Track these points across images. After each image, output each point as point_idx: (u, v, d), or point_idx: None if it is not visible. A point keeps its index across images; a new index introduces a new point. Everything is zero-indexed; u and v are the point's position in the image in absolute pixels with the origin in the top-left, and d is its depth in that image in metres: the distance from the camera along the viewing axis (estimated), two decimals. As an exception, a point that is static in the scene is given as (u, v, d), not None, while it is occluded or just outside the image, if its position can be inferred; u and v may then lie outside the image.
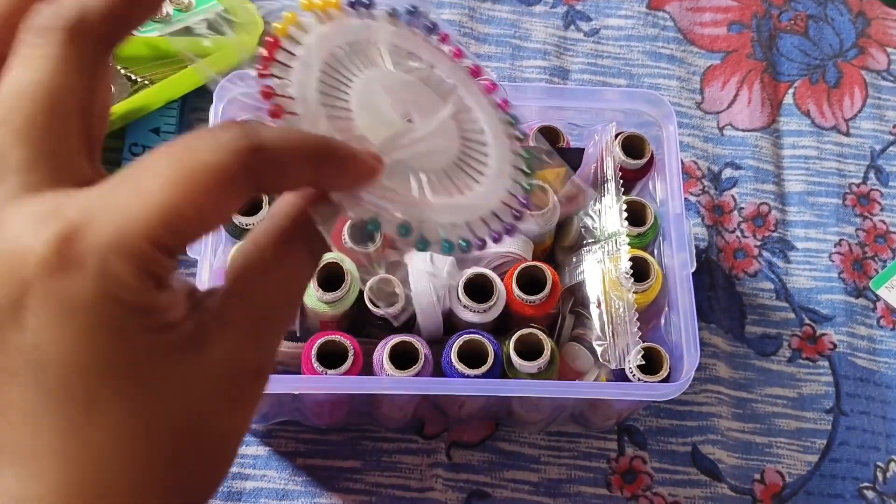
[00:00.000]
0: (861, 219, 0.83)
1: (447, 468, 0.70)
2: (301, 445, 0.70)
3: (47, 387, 0.23)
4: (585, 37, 0.89)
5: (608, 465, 0.72)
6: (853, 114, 0.88)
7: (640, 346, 0.61)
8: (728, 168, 0.84)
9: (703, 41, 0.90)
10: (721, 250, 0.81)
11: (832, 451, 0.74)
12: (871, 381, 0.77)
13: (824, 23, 0.92)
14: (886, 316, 0.80)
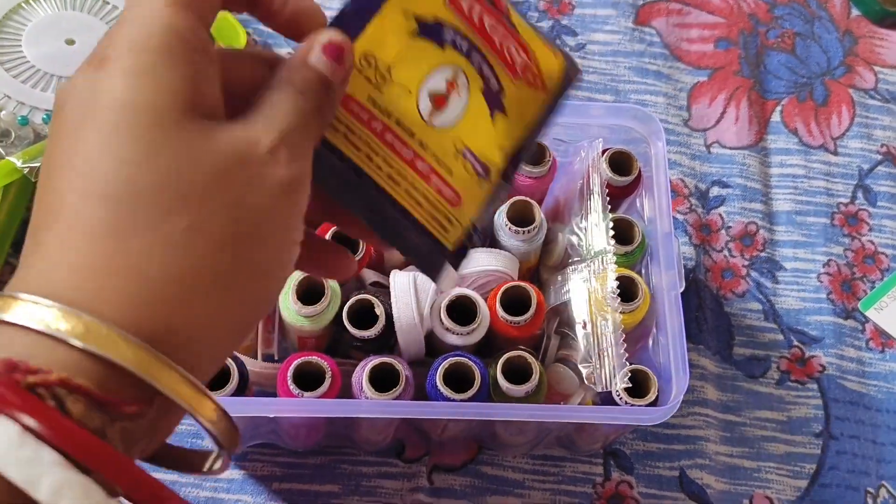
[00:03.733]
0: (849, 239, 0.82)
1: (428, 493, 0.68)
2: (277, 469, 0.68)
3: (119, 123, 0.29)
4: (571, 51, 0.87)
5: (594, 490, 0.70)
6: (841, 132, 0.87)
7: (627, 368, 0.59)
8: (715, 186, 0.83)
9: (690, 57, 0.89)
10: (709, 270, 0.79)
11: (822, 476, 0.73)
12: (860, 404, 0.76)
13: (812, 40, 0.91)
14: (875, 338, 0.78)
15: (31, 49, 0.70)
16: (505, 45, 0.45)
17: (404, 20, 0.41)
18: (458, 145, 0.42)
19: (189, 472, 0.33)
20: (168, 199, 0.29)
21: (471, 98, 0.43)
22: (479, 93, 0.44)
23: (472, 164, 0.43)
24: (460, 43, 0.43)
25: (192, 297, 0.29)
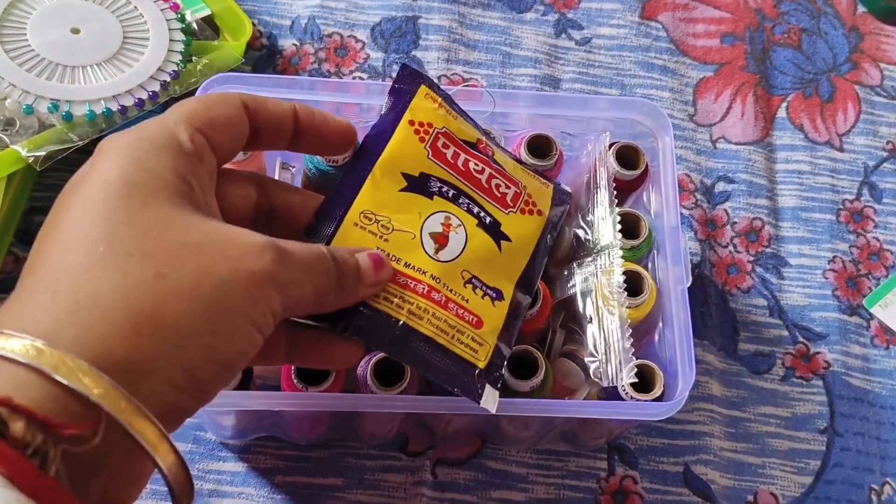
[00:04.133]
0: (855, 235, 0.82)
1: (432, 487, 0.68)
2: (281, 462, 0.68)
3: (106, 194, 0.33)
4: (577, 45, 0.87)
5: (598, 485, 0.70)
6: (847, 129, 0.87)
7: (633, 363, 0.59)
8: (721, 182, 0.82)
9: (695, 52, 0.89)
10: (714, 265, 0.79)
11: (826, 472, 0.73)
12: (865, 401, 0.76)
13: (818, 37, 0.91)
14: (880, 335, 0.78)
15: (36, 37, 0.70)
16: (493, 183, 0.51)
17: (393, 178, 0.47)
18: (465, 275, 0.47)
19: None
20: (141, 249, 0.32)
21: (469, 234, 0.48)
22: (475, 228, 0.49)
23: (482, 290, 0.48)
24: (446, 191, 0.49)
25: (154, 335, 0.31)
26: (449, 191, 0.49)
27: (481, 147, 0.52)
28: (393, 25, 0.85)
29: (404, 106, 0.51)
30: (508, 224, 0.51)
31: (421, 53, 0.84)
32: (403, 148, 0.49)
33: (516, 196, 0.52)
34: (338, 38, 0.84)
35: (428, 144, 0.50)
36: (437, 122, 0.51)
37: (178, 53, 0.73)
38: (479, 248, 0.49)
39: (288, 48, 0.83)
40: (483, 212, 0.50)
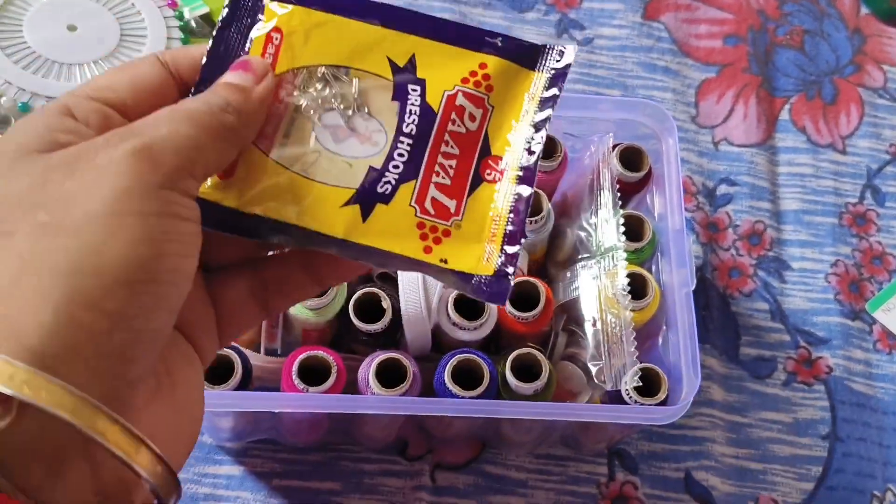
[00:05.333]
0: (857, 239, 0.81)
1: (431, 492, 0.67)
2: (277, 465, 0.67)
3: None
4: (579, 46, 0.86)
5: (598, 491, 0.69)
6: (849, 131, 0.86)
7: (637, 366, 0.58)
8: (723, 184, 0.82)
9: (698, 53, 0.88)
10: (716, 269, 0.78)
11: (828, 478, 0.72)
12: (867, 406, 0.75)
13: (820, 38, 0.90)
14: (883, 339, 0.78)
15: (33, 35, 0.69)
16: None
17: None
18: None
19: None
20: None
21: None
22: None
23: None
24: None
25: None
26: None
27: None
28: (393, 24, 0.84)
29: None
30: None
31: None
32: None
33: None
34: (337, 37, 0.83)
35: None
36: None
37: (175, 51, 0.72)
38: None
39: (287, 46, 0.82)
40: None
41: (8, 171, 0.30)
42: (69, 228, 0.29)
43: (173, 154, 0.31)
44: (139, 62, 0.36)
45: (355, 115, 0.38)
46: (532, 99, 0.39)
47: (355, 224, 0.36)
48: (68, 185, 0.29)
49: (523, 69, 0.39)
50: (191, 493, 0.66)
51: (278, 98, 0.37)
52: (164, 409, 0.32)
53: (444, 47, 0.38)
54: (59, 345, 0.27)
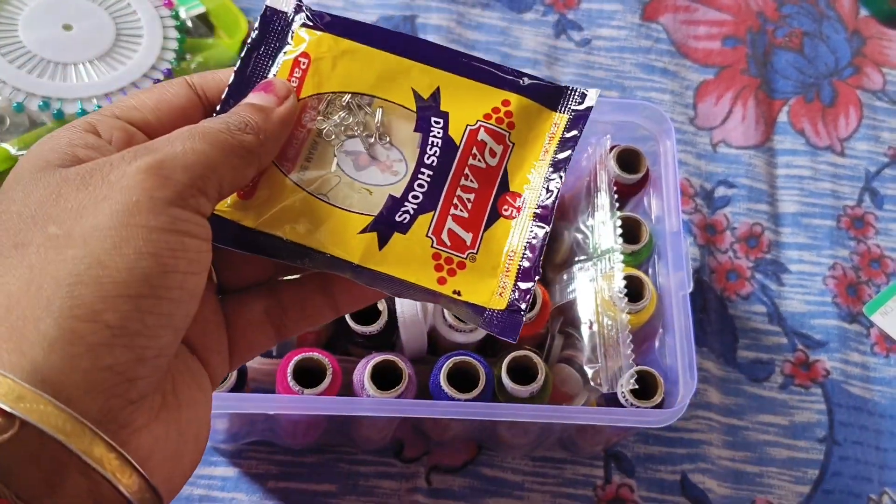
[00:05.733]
0: (855, 242, 0.81)
1: (427, 494, 0.67)
2: (273, 467, 0.67)
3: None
4: (577, 47, 0.86)
5: (594, 493, 0.69)
6: (848, 134, 0.86)
7: (633, 369, 0.58)
8: (721, 186, 0.82)
9: (696, 55, 0.88)
10: (713, 271, 0.78)
11: (825, 482, 0.72)
12: (864, 409, 0.75)
13: (819, 40, 0.90)
14: (880, 343, 0.77)
15: (28, 34, 0.69)
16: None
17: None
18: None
19: None
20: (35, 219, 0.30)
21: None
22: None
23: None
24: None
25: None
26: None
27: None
28: (390, 24, 0.84)
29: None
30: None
31: (419, 53, 0.83)
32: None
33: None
34: (335, 37, 0.83)
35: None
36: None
37: (171, 51, 0.72)
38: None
39: (284, 46, 0.82)
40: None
41: (28, 184, 0.31)
42: (76, 240, 0.29)
43: (185, 171, 0.31)
44: (168, 84, 0.37)
45: (377, 143, 0.38)
46: (552, 139, 0.39)
47: (372, 251, 0.37)
48: (80, 198, 0.30)
49: (545, 109, 0.39)
50: (186, 495, 0.66)
51: (302, 122, 0.38)
52: (167, 429, 0.31)
53: (468, 82, 0.39)
54: (59, 357, 0.27)
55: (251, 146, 0.34)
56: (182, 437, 0.32)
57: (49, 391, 0.27)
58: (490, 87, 0.39)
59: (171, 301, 0.30)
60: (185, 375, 0.34)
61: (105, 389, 0.28)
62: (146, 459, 0.30)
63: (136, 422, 0.30)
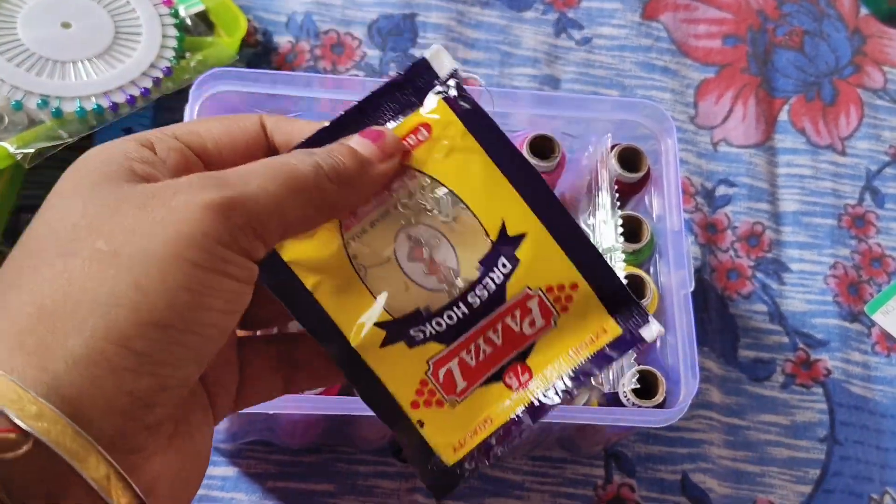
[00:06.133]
0: (856, 241, 0.81)
1: (426, 494, 0.67)
2: (272, 467, 0.67)
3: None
4: (577, 45, 0.86)
5: (594, 493, 0.69)
6: (849, 133, 0.86)
7: (635, 368, 0.58)
8: (722, 185, 0.81)
9: (697, 53, 0.88)
10: (714, 270, 0.78)
11: (826, 481, 0.72)
12: (865, 409, 0.75)
13: (820, 39, 0.90)
14: (881, 342, 0.77)
15: (27, 32, 0.68)
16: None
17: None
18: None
19: None
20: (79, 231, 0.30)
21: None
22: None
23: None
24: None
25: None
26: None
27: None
28: (390, 23, 0.84)
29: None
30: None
31: (418, 52, 0.82)
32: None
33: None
34: (334, 36, 0.83)
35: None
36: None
37: (171, 49, 0.72)
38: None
39: (283, 45, 0.82)
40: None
41: (87, 196, 0.30)
42: (123, 260, 0.29)
43: (248, 215, 0.30)
44: (241, 117, 0.36)
45: (441, 247, 0.36)
46: (591, 345, 0.37)
47: (373, 343, 0.36)
48: (136, 218, 0.29)
49: (604, 310, 0.37)
50: (184, 495, 0.65)
51: (391, 186, 0.36)
52: (176, 458, 0.31)
53: (553, 246, 0.37)
54: (81, 376, 0.27)
55: (333, 199, 0.33)
56: (187, 465, 0.32)
57: (67, 410, 0.27)
58: (569, 262, 0.37)
59: (200, 336, 0.30)
60: (195, 406, 0.34)
61: (123, 413, 0.28)
62: (152, 486, 0.30)
63: (149, 447, 0.30)
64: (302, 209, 0.32)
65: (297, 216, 0.32)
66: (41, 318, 0.28)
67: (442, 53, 0.37)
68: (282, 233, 0.32)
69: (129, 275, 0.28)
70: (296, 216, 0.32)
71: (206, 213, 0.29)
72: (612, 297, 0.37)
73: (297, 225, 0.33)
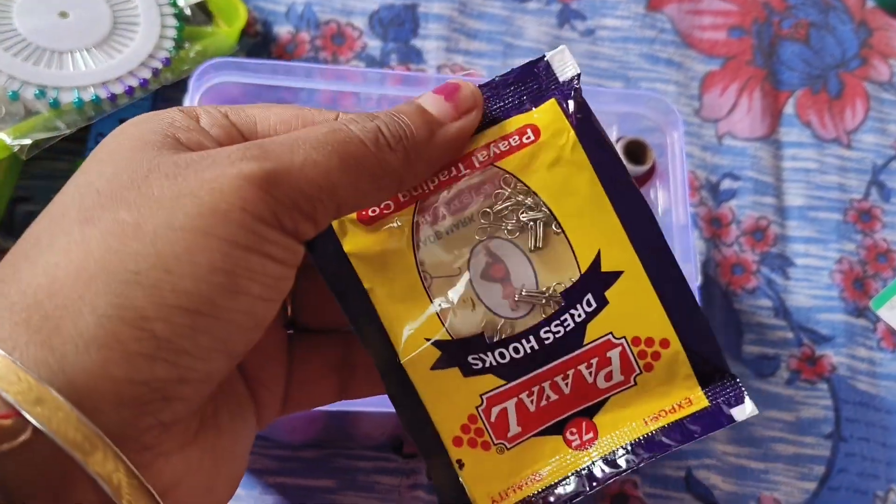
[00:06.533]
0: (862, 236, 0.80)
1: (428, 490, 0.66)
2: (271, 462, 0.66)
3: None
4: (580, 37, 0.85)
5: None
6: (855, 126, 0.85)
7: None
8: (727, 179, 0.80)
9: (702, 45, 0.87)
10: (718, 265, 0.77)
11: (831, 478, 0.71)
12: (870, 405, 0.74)
13: (826, 31, 0.89)
14: (887, 338, 0.76)
15: (23, 22, 0.68)
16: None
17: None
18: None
19: None
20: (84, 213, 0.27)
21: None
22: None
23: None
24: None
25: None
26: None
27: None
28: (392, 13, 0.83)
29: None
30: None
31: (420, 42, 0.82)
32: None
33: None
34: (335, 26, 0.82)
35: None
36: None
37: (170, 40, 0.71)
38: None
39: (283, 35, 0.81)
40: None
41: (120, 162, 0.27)
42: (146, 234, 0.26)
43: (295, 190, 0.27)
44: (314, 112, 0.31)
45: (522, 268, 0.32)
46: (672, 414, 0.33)
47: (424, 362, 0.32)
48: (164, 188, 0.26)
49: (693, 379, 0.33)
50: (183, 491, 0.65)
51: (480, 188, 0.32)
52: (201, 457, 0.28)
53: (650, 291, 0.33)
54: (92, 360, 0.24)
55: (396, 170, 0.29)
56: (217, 469, 0.29)
57: (73, 397, 0.24)
58: (664, 314, 0.33)
59: (232, 325, 0.27)
60: (231, 402, 0.31)
61: (136, 405, 0.25)
62: (171, 488, 0.27)
63: (164, 445, 0.27)
64: (359, 183, 0.28)
65: (354, 192, 0.28)
66: (52, 292, 0.25)
67: (565, 54, 0.33)
68: (335, 211, 0.29)
69: (154, 251, 0.25)
70: (351, 192, 0.28)
71: (245, 187, 0.26)
72: (706, 363, 0.33)
73: (354, 201, 0.29)
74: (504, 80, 0.33)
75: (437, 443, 0.32)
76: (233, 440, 0.30)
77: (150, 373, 0.25)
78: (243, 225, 0.26)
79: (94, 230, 0.26)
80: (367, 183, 0.29)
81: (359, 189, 0.29)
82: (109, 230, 0.26)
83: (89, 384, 0.24)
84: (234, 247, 0.26)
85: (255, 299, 0.27)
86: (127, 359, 0.25)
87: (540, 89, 0.33)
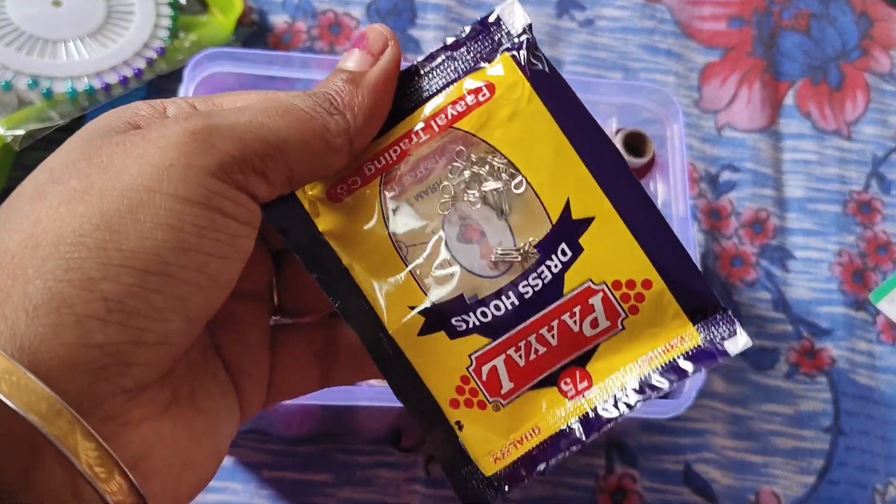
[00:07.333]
0: (862, 228, 0.80)
1: (426, 484, 0.66)
2: (268, 456, 0.65)
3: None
4: (579, 27, 0.84)
5: (596, 483, 0.68)
6: (855, 118, 0.84)
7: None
8: (726, 170, 0.80)
9: (702, 36, 0.86)
10: (718, 257, 0.76)
11: (830, 472, 0.71)
12: (870, 399, 0.74)
13: (826, 22, 0.88)
14: (886, 331, 0.76)
15: (16, 11, 0.67)
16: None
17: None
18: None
19: None
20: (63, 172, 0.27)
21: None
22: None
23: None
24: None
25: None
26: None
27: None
28: (389, 3, 0.82)
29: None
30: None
31: (418, 32, 0.81)
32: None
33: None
34: (332, 15, 0.81)
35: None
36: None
37: (164, 29, 0.70)
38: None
39: (279, 25, 0.80)
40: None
41: (80, 143, 0.28)
42: (92, 196, 0.26)
43: (240, 143, 0.27)
44: (283, 94, 0.31)
45: (494, 226, 0.32)
46: (665, 354, 0.33)
47: (410, 330, 0.32)
48: (115, 157, 0.26)
49: (682, 315, 0.33)
50: (179, 484, 0.64)
51: (442, 151, 0.32)
52: (174, 431, 0.28)
53: (626, 234, 0.32)
54: (42, 324, 0.24)
55: (341, 129, 0.30)
56: (193, 446, 0.29)
57: (25, 362, 0.24)
58: (642, 254, 0.32)
59: (187, 283, 0.26)
60: (211, 386, 0.31)
61: (91, 370, 0.25)
62: (141, 459, 0.26)
63: (131, 413, 0.26)
64: (308, 144, 0.29)
65: (304, 153, 0.29)
66: (2, 265, 0.25)
67: (515, 6, 0.33)
68: (288, 171, 0.29)
69: (98, 211, 0.25)
70: (303, 153, 0.29)
71: (188, 141, 0.26)
72: (693, 298, 0.33)
73: (307, 165, 0.29)
74: (456, 41, 0.33)
75: (434, 408, 0.32)
76: (211, 422, 0.30)
77: (102, 336, 0.25)
78: (187, 178, 0.26)
79: (45, 202, 0.26)
80: (316, 143, 0.29)
81: (308, 150, 0.29)
82: (60, 199, 0.26)
83: (42, 349, 0.24)
84: (180, 201, 0.26)
85: (206, 256, 0.27)
86: (78, 322, 0.24)
87: (492, 46, 0.33)
